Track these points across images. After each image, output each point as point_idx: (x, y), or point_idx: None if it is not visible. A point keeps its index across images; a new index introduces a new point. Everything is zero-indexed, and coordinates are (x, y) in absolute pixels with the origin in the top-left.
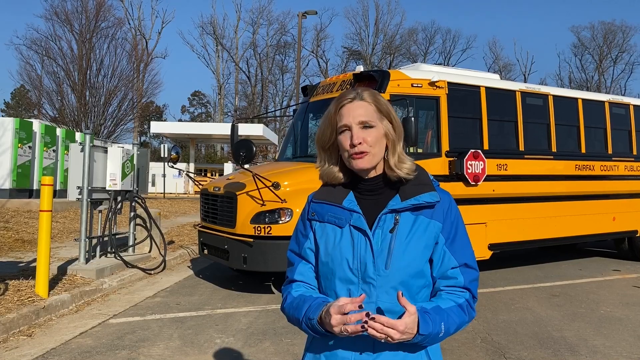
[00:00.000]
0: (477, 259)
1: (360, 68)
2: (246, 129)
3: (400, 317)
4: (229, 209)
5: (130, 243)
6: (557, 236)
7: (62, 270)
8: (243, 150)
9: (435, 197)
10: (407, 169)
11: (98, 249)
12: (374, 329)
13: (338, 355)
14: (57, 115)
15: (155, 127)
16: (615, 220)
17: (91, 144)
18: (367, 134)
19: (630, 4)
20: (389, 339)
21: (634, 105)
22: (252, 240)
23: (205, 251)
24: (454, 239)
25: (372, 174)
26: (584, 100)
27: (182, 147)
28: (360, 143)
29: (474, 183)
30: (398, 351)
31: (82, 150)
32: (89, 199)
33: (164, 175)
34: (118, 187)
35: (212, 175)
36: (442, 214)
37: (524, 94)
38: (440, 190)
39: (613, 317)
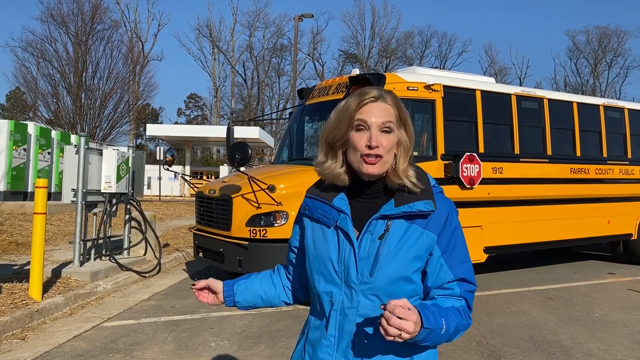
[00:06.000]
0: (472, 262)
1: (356, 71)
2: (242, 132)
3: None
4: (225, 212)
5: (125, 246)
6: (552, 239)
7: (56, 273)
8: (239, 153)
9: (430, 206)
10: (412, 177)
11: (93, 251)
12: (386, 319)
13: (319, 356)
14: (52, 118)
15: (151, 129)
16: (610, 224)
17: (86, 146)
18: (385, 138)
19: (624, 9)
20: (403, 335)
21: (629, 109)
22: (247, 243)
23: (201, 254)
24: (451, 252)
25: (374, 178)
26: (579, 103)
27: (178, 150)
28: (377, 146)
29: (469, 186)
30: (381, 356)
31: (77, 152)
32: (83, 202)
33: (160, 178)
34: (113, 190)
35: (207, 178)
36: (439, 224)
37: (520, 98)
38: (440, 198)
39: (608, 320)
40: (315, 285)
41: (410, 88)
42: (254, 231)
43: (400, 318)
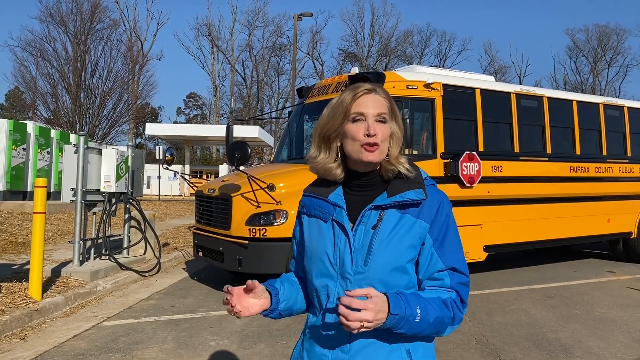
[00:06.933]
0: (472, 261)
1: (355, 70)
2: (241, 131)
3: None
4: (224, 211)
5: (125, 245)
6: (552, 238)
7: (55, 273)
8: (238, 152)
9: (421, 195)
10: (405, 163)
11: (92, 251)
12: (343, 316)
13: (316, 351)
14: (51, 117)
15: (150, 128)
16: (609, 222)
17: (85, 146)
18: (380, 127)
19: (624, 7)
20: (365, 324)
21: (628, 107)
22: (247, 242)
23: (200, 253)
24: (442, 241)
25: (369, 169)
26: (578, 102)
27: (177, 149)
28: (375, 134)
29: (469, 185)
30: (378, 348)
31: (76, 152)
32: (83, 201)
33: (159, 177)
34: (112, 189)
35: (207, 177)
36: (431, 214)
37: (519, 96)
38: (432, 189)
39: (608, 319)
40: (312, 280)
41: (409, 87)
42: (254, 230)
43: (359, 309)
